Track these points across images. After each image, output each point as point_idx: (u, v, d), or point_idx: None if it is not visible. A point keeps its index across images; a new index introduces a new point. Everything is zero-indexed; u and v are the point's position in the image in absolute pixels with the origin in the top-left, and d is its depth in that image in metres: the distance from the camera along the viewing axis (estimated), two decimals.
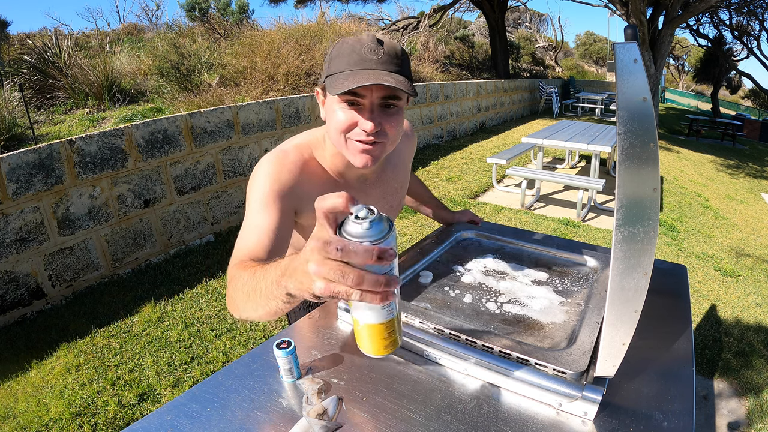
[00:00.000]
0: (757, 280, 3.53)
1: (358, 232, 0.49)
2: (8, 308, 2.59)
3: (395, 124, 0.81)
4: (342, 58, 0.77)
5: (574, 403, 0.74)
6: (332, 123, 0.81)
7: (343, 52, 0.78)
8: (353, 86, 0.72)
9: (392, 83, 0.73)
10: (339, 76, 0.76)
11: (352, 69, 0.75)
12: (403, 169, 1.08)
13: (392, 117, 0.80)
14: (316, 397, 0.76)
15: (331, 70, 0.79)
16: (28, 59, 4.88)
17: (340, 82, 0.75)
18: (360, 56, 0.76)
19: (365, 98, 0.77)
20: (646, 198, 0.59)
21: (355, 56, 0.76)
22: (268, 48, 5.91)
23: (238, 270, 0.72)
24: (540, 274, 1.15)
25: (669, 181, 6.14)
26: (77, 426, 1.89)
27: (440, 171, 5.86)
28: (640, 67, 0.56)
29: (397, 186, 1.06)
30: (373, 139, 0.79)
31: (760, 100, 23.68)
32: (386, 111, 0.80)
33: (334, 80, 0.77)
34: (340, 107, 0.79)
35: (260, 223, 0.82)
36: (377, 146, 0.81)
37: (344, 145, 0.82)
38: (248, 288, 0.65)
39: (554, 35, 25.51)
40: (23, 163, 2.56)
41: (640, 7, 8.03)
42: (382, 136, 0.80)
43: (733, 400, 2.22)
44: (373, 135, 0.79)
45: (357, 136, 0.79)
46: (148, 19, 13.47)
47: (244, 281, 0.67)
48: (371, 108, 0.78)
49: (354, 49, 0.77)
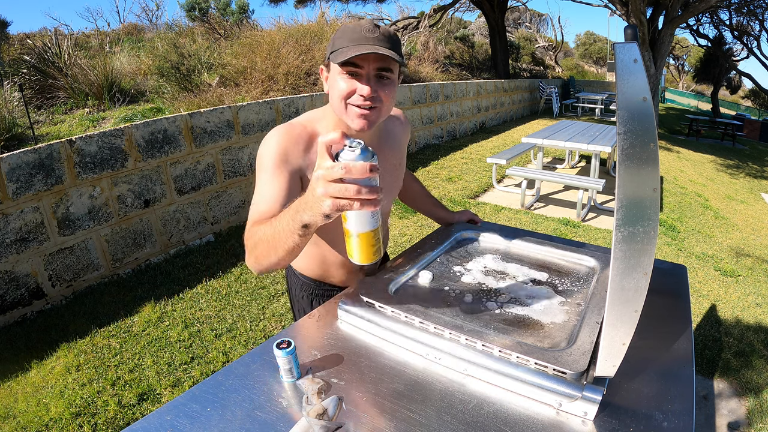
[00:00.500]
0: (757, 280, 3.53)
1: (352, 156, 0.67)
2: (8, 308, 2.59)
3: (389, 93, 0.93)
4: (344, 37, 0.89)
5: (574, 403, 0.74)
6: (334, 91, 0.92)
7: (345, 33, 0.90)
8: (353, 54, 0.85)
9: (386, 53, 0.86)
10: (341, 50, 0.88)
11: (352, 44, 0.87)
12: (398, 150, 1.18)
13: (386, 86, 0.92)
14: (316, 397, 0.76)
15: (334, 47, 0.90)
16: (28, 59, 4.87)
17: (342, 54, 0.87)
18: (359, 34, 0.88)
19: (363, 68, 0.89)
20: (646, 198, 0.59)
21: (355, 35, 0.88)
22: (268, 48, 5.91)
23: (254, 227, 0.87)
24: (540, 274, 1.15)
25: (669, 181, 6.14)
26: (77, 426, 1.89)
27: (440, 171, 5.86)
28: (640, 67, 0.56)
29: (395, 163, 1.16)
30: (369, 104, 0.91)
31: (760, 100, 23.67)
32: (381, 81, 0.91)
33: (337, 54, 0.88)
34: (341, 77, 0.90)
35: (270, 190, 0.93)
36: (373, 111, 0.92)
37: (344, 111, 0.93)
38: (267, 234, 0.81)
39: (554, 35, 25.52)
40: (23, 163, 2.56)
41: (640, 7, 8.03)
42: (378, 102, 0.92)
43: (733, 400, 2.22)
44: (369, 100, 0.90)
45: (356, 101, 0.91)
46: (148, 19, 13.47)
47: (263, 231, 0.82)
48: (368, 77, 0.90)
49: (354, 30, 0.89)
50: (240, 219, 4.01)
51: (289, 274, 1.30)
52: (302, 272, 1.24)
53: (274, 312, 2.73)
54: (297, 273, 1.26)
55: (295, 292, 1.29)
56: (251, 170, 4.04)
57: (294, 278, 1.28)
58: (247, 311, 2.73)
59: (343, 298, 1.02)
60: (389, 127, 1.16)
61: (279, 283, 3.05)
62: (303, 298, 1.27)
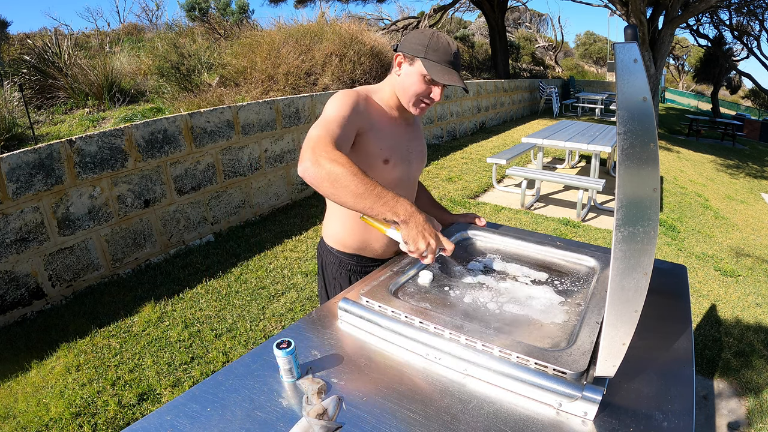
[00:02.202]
0: (757, 280, 3.53)
1: None
2: (8, 308, 2.59)
3: None
4: (438, 54, 1.12)
5: (574, 403, 0.74)
6: (412, 86, 1.17)
7: (439, 47, 1.12)
8: (449, 83, 1.13)
9: (462, 85, 1.15)
10: (437, 67, 1.12)
11: (443, 65, 1.12)
12: (421, 131, 1.41)
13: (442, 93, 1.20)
14: (316, 397, 0.76)
15: (429, 57, 1.12)
16: (28, 59, 4.87)
17: (440, 74, 1.12)
18: (448, 59, 1.13)
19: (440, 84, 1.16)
20: (646, 198, 0.59)
21: (446, 57, 1.12)
22: (268, 48, 5.91)
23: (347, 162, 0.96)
24: (540, 274, 1.15)
25: (669, 181, 6.14)
26: (77, 426, 1.89)
27: (440, 171, 5.86)
28: (640, 67, 0.56)
29: (421, 135, 1.39)
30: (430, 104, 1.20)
31: (760, 100, 23.67)
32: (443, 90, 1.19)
33: (434, 68, 1.12)
34: (425, 82, 1.15)
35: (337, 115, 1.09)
36: (428, 107, 1.22)
37: (411, 102, 1.19)
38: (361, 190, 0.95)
39: (554, 35, 25.51)
40: (23, 163, 2.56)
41: (640, 7, 8.03)
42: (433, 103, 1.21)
43: (733, 400, 2.22)
44: None
45: (425, 100, 1.20)
46: (148, 19, 13.47)
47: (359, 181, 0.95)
48: (440, 90, 1.17)
49: (446, 52, 1.13)
50: (240, 219, 4.01)
51: (324, 253, 1.36)
52: (341, 249, 1.32)
53: (274, 312, 2.73)
54: (334, 251, 1.33)
55: (331, 271, 1.35)
56: (251, 170, 4.04)
57: (330, 257, 1.34)
58: (247, 311, 2.73)
59: (343, 298, 1.02)
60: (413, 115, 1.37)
61: (279, 283, 3.05)
62: (341, 275, 1.33)
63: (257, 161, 4.09)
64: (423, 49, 1.12)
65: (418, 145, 1.34)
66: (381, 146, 1.19)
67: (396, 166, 1.23)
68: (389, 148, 1.21)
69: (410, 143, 1.29)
